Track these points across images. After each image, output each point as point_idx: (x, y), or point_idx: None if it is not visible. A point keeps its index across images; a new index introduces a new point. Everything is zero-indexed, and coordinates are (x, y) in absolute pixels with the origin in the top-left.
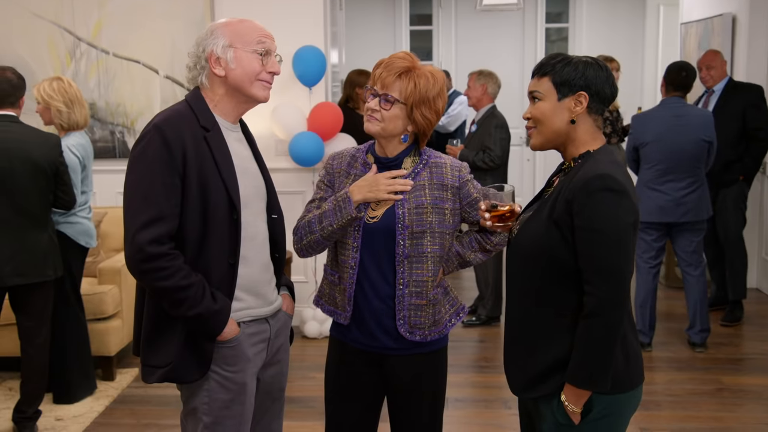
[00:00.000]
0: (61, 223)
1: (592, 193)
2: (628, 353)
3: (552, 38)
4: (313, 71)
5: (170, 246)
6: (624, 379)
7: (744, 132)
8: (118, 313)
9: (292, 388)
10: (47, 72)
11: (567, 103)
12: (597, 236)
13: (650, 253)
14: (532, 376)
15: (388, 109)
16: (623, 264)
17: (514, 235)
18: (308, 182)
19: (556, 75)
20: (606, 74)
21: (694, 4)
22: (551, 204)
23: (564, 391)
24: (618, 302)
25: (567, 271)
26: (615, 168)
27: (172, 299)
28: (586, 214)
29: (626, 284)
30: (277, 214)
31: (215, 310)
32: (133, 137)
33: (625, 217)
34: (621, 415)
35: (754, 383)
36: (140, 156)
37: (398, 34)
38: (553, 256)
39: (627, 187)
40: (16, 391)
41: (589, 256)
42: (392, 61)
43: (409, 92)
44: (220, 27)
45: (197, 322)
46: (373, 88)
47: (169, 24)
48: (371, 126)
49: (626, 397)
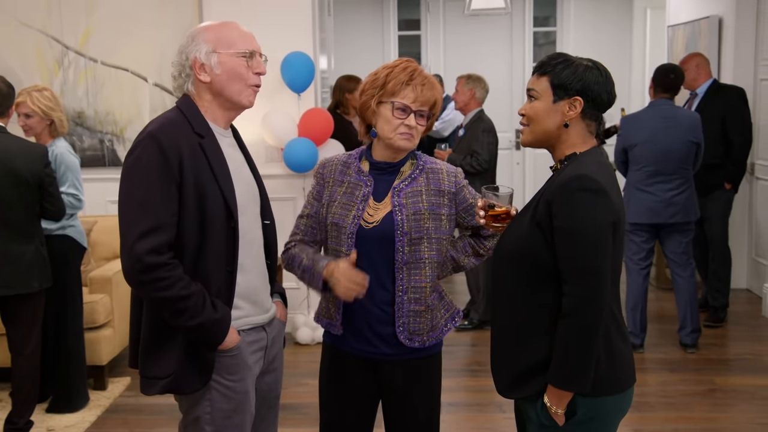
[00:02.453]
0: (68, 227)
1: (569, 193)
2: (613, 355)
3: (540, 42)
4: (302, 77)
5: (169, 255)
6: (610, 382)
7: (725, 135)
8: (109, 322)
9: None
10: (35, 80)
11: (561, 106)
12: (574, 236)
13: (640, 255)
14: (515, 376)
15: (425, 124)
16: (601, 263)
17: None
18: (299, 188)
19: (555, 76)
20: (605, 80)
21: (680, 6)
22: (534, 206)
23: (546, 393)
24: (595, 302)
25: (549, 272)
26: (598, 169)
27: (172, 310)
28: (563, 214)
29: (604, 284)
30: (269, 220)
31: (216, 319)
32: (122, 145)
33: (603, 217)
34: (608, 419)
35: (746, 383)
36: (135, 165)
37: (386, 39)
38: (535, 258)
39: (606, 187)
40: (7, 402)
41: (567, 255)
42: (426, 77)
43: (437, 107)
44: (201, 32)
45: (198, 332)
46: (404, 104)
47: (157, 32)
48: (409, 143)
49: (614, 400)
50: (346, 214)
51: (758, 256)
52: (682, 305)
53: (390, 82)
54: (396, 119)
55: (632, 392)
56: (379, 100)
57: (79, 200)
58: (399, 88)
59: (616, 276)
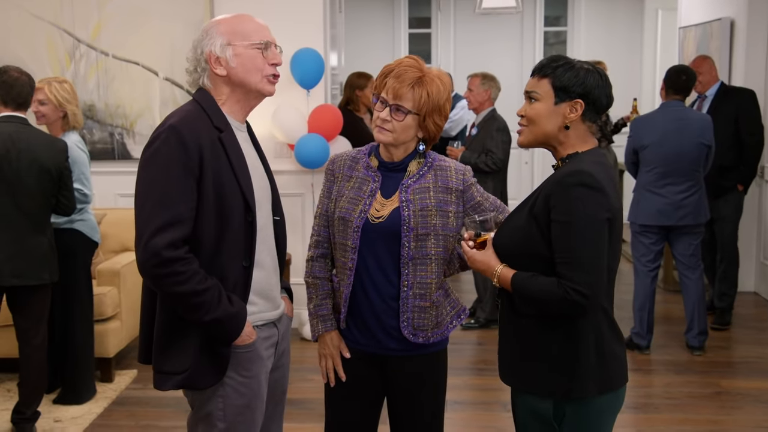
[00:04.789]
0: (77, 220)
1: (566, 187)
2: (604, 353)
3: (550, 41)
4: (311, 74)
5: (185, 250)
6: (601, 380)
7: (737, 137)
8: (116, 315)
9: (291, 390)
10: (47, 73)
11: (563, 108)
12: (568, 228)
13: (649, 257)
14: (509, 363)
15: (401, 119)
16: (594, 259)
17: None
18: (308, 185)
19: (557, 79)
20: (604, 83)
21: (692, 8)
22: (532, 201)
23: (502, 271)
24: (586, 295)
25: (545, 266)
26: (596, 167)
27: (188, 304)
28: (560, 208)
29: (596, 280)
30: (279, 216)
31: (232, 314)
32: (132, 139)
33: (598, 213)
34: (600, 419)
35: (752, 386)
36: (154, 157)
37: (397, 37)
38: (532, 251)
39: (604, 184)
40: (15, 393)
41: (562, 247)
42: (404, 71)
43: (422, 102)
44: (214, 26)
45: (214, 328)
46: (383, 97)
47: (168, 26)
48: (383, 137)
49: (605, 400)
50: (353, 208)
51: (766, 259)
52: (689, 307)
53: (380, 76)
54: (376, 111)
55: (624, 392)
56: (373, 93)
57: (85, 195)
58: (381, 80)
59: (611, 275)
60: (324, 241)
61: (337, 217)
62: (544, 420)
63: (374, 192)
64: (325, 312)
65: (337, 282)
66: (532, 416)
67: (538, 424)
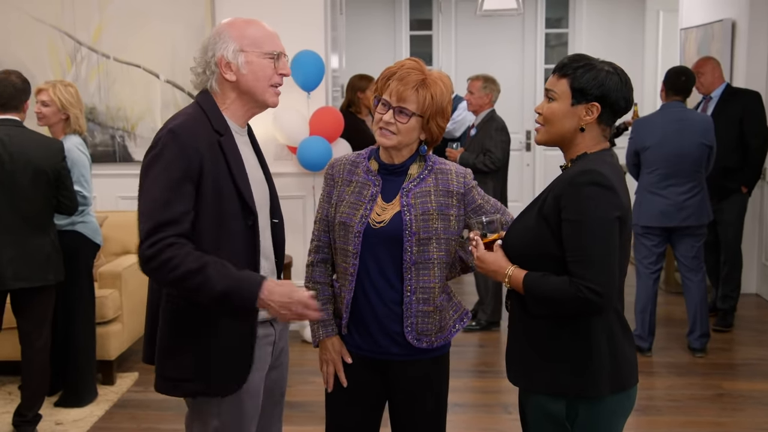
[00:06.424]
0: (78, 222)
1: (577, 186)
2: (616, 353)
3: (552, 43)
4: (312, 76)
5: (175, 237)
6: (612, 380)
7: (741, 138)
8: (118, 317)
9: (292, 393)
10: (48, 76)
11: (579, 110)
12: (579, 227)
13: (651, 259)
14: (520, 364)
15: (405, 122)
16: (605, 256)
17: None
18: (309, 187)
19: (575, 80)
20: (624, 87)
21: (693, 9)
22: (542, 201)
23: (513, 271)
24: (600, 293)
25: (556, 266)
26: (606, 167)
27: (191, 286)
28: (570, 207)
29: (609, 278)
30: (278, 219)
31: (242, 277)
32: (133, 141)
33: (610, 211)
34: (611, 419)
35: (754, 388)
36: (154, 161)
37: (398, 39)
38: (542, 251)
39: (614, 183)
40: (17, 395)
41: (574, 246)
42: (407, 73)
43: (426, 105)
44: (226, 29)
45: (230, 299)
46: (385, 99)
47: (169, 28)
48: (386, 140)
49: (616, 400)
50: (353, 213)
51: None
52: (692, 309)
53: (382, 78)
54: (377, 114)
55: (635, 392)
56: (375, 95)
57: (85, 198)
58: (383, 83)
59: (621, 275)
60: (324, 246)
61: (337, 222)
62: (557, 421)
63: (375, 196)
64: (326, 317)
65: (338, 287)
66: (544, 417)
67: (551, 425)
